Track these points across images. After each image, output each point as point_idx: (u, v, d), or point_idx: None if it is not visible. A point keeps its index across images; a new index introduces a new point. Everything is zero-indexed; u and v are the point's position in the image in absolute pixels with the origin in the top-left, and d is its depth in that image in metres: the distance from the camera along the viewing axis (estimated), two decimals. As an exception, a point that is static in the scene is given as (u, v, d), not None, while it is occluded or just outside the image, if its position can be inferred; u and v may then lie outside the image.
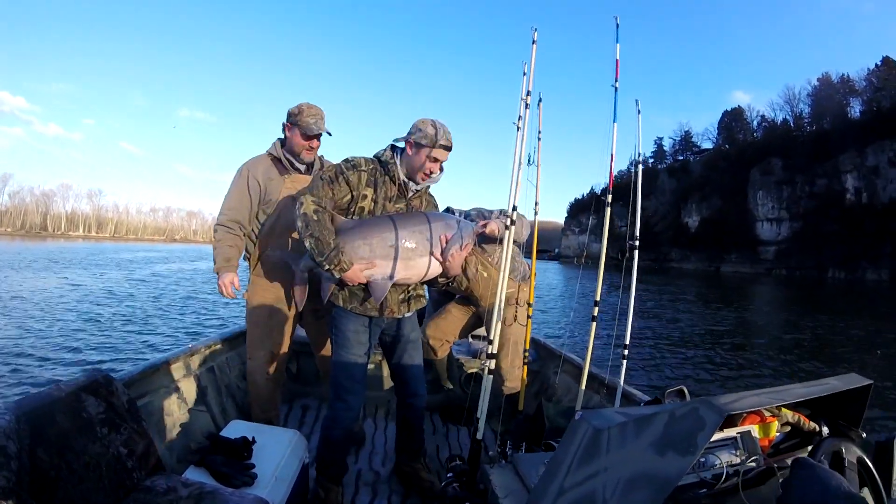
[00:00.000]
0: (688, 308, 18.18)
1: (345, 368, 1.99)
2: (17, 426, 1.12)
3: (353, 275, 1.84)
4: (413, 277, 1.96)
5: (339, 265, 1.79)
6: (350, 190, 1.90)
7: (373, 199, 1.94)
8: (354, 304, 1.97)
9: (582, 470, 1.02)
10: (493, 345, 1.84)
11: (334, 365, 2.02)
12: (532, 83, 1.88)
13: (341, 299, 1.98)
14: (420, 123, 1.91)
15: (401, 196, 2.00)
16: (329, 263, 1.78)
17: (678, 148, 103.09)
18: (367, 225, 1.90)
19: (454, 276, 2.03)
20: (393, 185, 1.98)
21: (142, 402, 2.05)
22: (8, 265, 22.91)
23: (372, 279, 1.88)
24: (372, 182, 1.94)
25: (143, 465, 1.46)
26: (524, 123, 1.86)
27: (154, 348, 7.80)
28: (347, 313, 1.99)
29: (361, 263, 1.85)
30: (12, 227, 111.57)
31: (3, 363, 6.55)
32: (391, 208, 1.98)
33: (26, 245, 53.91)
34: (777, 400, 1.06)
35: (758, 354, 9.97)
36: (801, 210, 70.31)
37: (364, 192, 1.93)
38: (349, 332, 1.99)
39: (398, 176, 1.96)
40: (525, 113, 1.87)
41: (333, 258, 1.78)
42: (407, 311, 2.08)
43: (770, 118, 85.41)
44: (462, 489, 1.71)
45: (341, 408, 2.00)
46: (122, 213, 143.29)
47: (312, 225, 1.77)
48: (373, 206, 1.95)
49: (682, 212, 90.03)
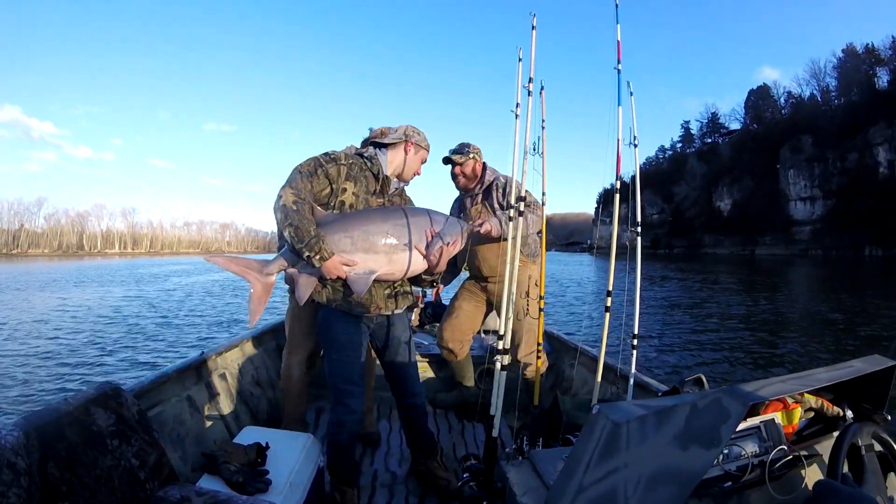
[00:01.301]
0: (715, 295, 17.52)
1: (341, 372, 1.96)
2: (25, 442, 1.11)
3: (333, 265, 1.79)
4: (396, 273, 1.92)
5: (319, 252, 1.74)
6: (329, 183, 1.88)
7: (353, 192, 1.92)
8: (338, 299, 1.92)
9: (601, 466, 0.99)
10: (505, 339, 1.81)
11: (330, 369, 1.98)
12: (533, 70, 1.84)
13: (325, 296, 1.93)
14: (410, 128, 2.05)
15: (382, 192, 2.01)
16: (309, 250, 1.73)
17: (706, 131, 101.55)
18: (349, 218, 1.87)
19: (439, 273, 1.99)
20: (375, 180, 1.98)
21: (153, 412, 2.04)
22: (28, 285, 23.26)
23: (352, 274, 1.83)
24: (352, 176, 1.93)
25: (155, 476, 1.44)
26: (526, 111, 1.83)
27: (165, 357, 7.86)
28: (335, 315, 1.95)
29: (343, 255, 1.80)
30: (49, 248, 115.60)
31: (11, 379, 6.65)
32: (373, 203, 1.97)
33: (62, 264, 55.22)
34: (801, 386, 1.02)
35: (787, 339, 9.75)
36: (834, 187, 68.89)
37: (343, 186, 1.91)
38: (340, 335, 1.95)
39: (381, 171, 1.97)
40: (528, 101, 1.83)
41: (314, 245, 1.73)
42: (395, 307, 2.03)
43: (797, 94, 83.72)
44: (479, 488, 1.68)
45: (343, 411, 1.97)
46: (157, 228, 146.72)
47: (292, 215, 1.73)
48: (354, 200, 1.93)
49: (713, 196, 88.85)
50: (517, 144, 1.80)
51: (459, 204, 2.98)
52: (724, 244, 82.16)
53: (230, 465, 1.67)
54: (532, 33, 1.85)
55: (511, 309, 1.89)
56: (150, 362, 7.54)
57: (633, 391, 2.21)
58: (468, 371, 3.15)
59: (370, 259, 1.84)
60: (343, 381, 1.96)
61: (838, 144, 67.96)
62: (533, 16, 1.88)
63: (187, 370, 2.43)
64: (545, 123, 2.30)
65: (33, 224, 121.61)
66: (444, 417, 3.09)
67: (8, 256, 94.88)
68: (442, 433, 2.88)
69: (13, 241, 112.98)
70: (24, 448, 1.09)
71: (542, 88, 2.31)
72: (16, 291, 20.39)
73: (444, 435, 2.86)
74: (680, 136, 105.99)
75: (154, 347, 8.72)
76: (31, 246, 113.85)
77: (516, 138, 1.81)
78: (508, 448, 2.11)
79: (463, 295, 3.00)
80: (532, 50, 1.84)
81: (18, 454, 1.06)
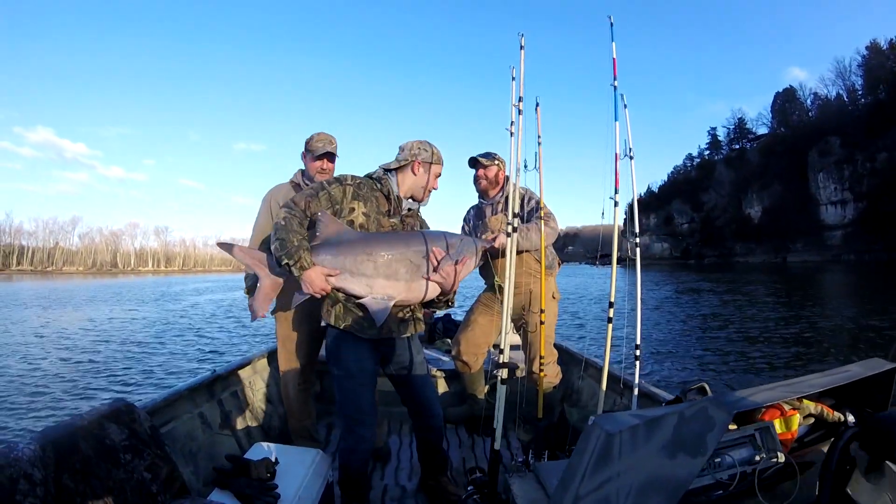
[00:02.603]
0: (741, 305, 17.01)
1: (352, 400, 1.91)
2: (42, 454, 1.16)
3: (315, 275, 1.74)
4: (413, 300, 1.89)
5: (299, 261, 1.70)
6: (331, 204, 1.85)
7: (364, 213, 1.89)
8: (349, 322, 1.87)
9: (596, 476, 1.00)
10: (504, 354, 1.82)
11: (340, 397, 1.94)
12: (523, 89, 1.89)
13: (333, 317, 1.89)
14: (416, 145, 1.98)
15: (395, 213, 1.98)
16: (288, 258, 1.69)
17: (733, 136, 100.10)
18: (372, 240, 1.84)
19: (452, 292, 1.96)
20: (386, 200, 1.96)
21: (166, 429, 2.10)
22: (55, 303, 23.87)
23: (370, 300, 1.80)
24: (360, 196, 1.90)
25: (167, 489, 1.48)
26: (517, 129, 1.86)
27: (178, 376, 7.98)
28: (345, 338, 1.90)
29: (327, 268, 1.76)
30: (84, 266, 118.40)
31: (28, 397, 6.80)
32: (385, 223, 1.94)
33: (97, 281, 56.92)
34: (793, 392, 1.02)
35: (807, 349, 9.47)
36: (865, 189, 66.96)
37: (351, 206, 1.88)
38: (350, 361, 1.90)
39: (392, 191, 1.95)
40: (519, 119, 1.86)
41: (294, 252, 1.70)
42: (406, 331, 2.00)
43: (823, 95, 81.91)
44: (483, 500, 1.69)
45: (354, 440, 1.94)
46: (189, 246, 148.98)
47: (280, 230, 1.73)
48: (365, 220, 1.90)
49: (742, 203, 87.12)
50: (512, 161, 1.84)
51: (477, 211, 3.03)
52: (756, 252, 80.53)
53: (240, 480, 1.71)
54: (520, 53, 1.89)
55: (509, 321, 1.91)
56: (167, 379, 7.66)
57: (637, 401, 2.20)
58: (480, 384, 3.15)
59: (390, 286, 1.80)
60: (355, 409, 1.92)
61: (867, 145, 66.18)
62: (521, 36, 1.91)
63: (199, 388, 2.49)
64: (541, 139, 2.34)
65: (68, 242, 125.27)
66: (455, 432, 3.08)
67: (43, 273, 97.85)
68: (452, 447, 2.88)
69: (48, 258, 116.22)
70: (40, 460, 1.14)
71: (538, 105, 2.35)
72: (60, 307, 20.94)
73: (453, 449, 2.86)
74: (707, 143, 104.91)
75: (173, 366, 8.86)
76: (65, 263, 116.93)
77: (511, 155, 1.85)
78: (514, 461, 2.11)
79: (479, 308, 3.02)
80: (521, 69, 1.88)
81: (35, 466, 1.12)
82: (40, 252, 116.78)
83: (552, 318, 2.84)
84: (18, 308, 20.81)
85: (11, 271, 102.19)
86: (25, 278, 71.70)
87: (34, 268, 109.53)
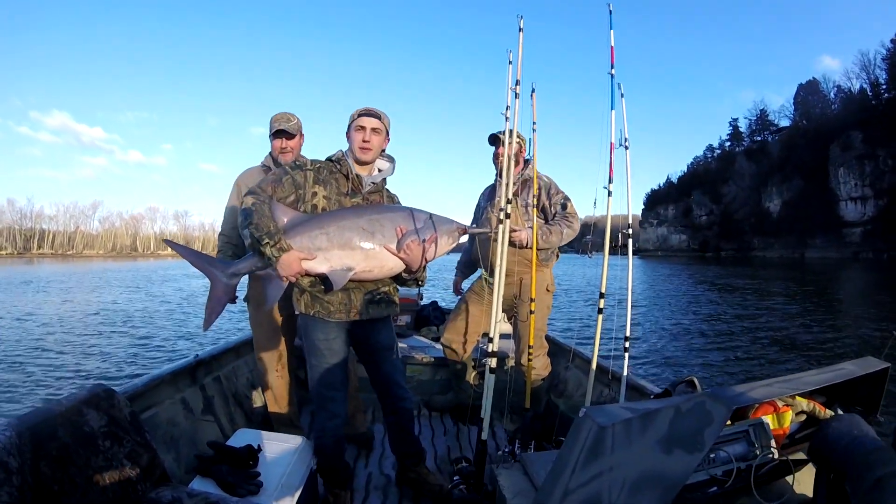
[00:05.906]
0: (753, 303, 16.41)
1: (321, 379, 1.94)
2: (18, 441, 1.11)
3: (291, 258, 1.74)
4: (375, 270, 1.87)
5: (279, 242, 1.71)
6: (295, 189, 1.87)
7: (325, 196, 1.90)
8: (317, 306, 1.91)
9: (587, 470, 0.99)
10: (494, 343, 1.81)
11: (311, 376, 1.97)
12: (520, 72, 1.84)
13: (303, 304, 1.93)
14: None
15: (356, 192, 1.97)
16: (269, 238, 1.69)
17: (755, 128, 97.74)
18: (323, 216, 1.84)
19: (416, 269, 1.93)
20: (346, 180, 1.96)
21: (147, 415, 2.05)
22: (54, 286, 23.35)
23: (329, 270, 1.80)
24: (321, 180, 1.91)
25: (147, 477, 1.45)
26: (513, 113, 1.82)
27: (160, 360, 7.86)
28: (314, 322, 1.93)
29: (303, 252, 1.76)
30: (104, 250, 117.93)
31: (5, 381, 6.65)
32: (348, 203, 1.94)
33: (118, 264, 56.51)
34: (789, 389, 1.02)
35: (814, 349, 9.19)
36: (886, 185, 65.80)
37: (314, 190, 1.89)
38: (319, 342, 1.93)
39: (351, 171, 1.95)
40: (516, 104, 1.83)
41: (274, 234, 1.71)
42: (375, 312, 1.99)
43: (846, 88, 79.83)
44: (469, 491, 1.68)
45: (326, 417, 1.96)
46: (209, 230, 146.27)
47: (251, 215, 1.72)
48: (326, 203, 1.90)
49: (762, 196, 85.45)
50: (506, 147, 1.80)
51: (492, 191, 2.98)
52: (774, 247, 79.54)
53: (222, 467, 1.68)
54: (519, 35, 1.84)
55: (500, 312, 1.89)
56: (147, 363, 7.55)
57: (626, 393, 2.21)
58: (467, 373, 3.15)
59: (347, 255, 1.80)
60: (324, 386, 1.95)
61: (890, 140, 64.54)
62: (520, 18, 1.87)
63: (181, 373, 2.44)
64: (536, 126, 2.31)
65: (88, 226, 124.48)
66: (440, 420, 3.08)
67: (64, 257, 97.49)
68: (437, 436, 2.87)
69: (69, 242, 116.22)
70: (16, 448, 1.09)
71: (533, 91, 2.31)
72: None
73: (438, 438, 2.85)
74: (728, 134, 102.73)
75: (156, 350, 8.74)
76: (85, 247, 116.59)
77: (505, 140, 1.81)
78: (503, 451, 2.11)
79: (470, 297, 3.00)
80: (519, 52, 1.84)
81: (11, 453, 1.07)
82: (61, 236, 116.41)
83: (545, 309, 2.82)
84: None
85: (33, 255, 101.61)
86: (46, 261, 71.35)
87: (55, 251, 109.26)
